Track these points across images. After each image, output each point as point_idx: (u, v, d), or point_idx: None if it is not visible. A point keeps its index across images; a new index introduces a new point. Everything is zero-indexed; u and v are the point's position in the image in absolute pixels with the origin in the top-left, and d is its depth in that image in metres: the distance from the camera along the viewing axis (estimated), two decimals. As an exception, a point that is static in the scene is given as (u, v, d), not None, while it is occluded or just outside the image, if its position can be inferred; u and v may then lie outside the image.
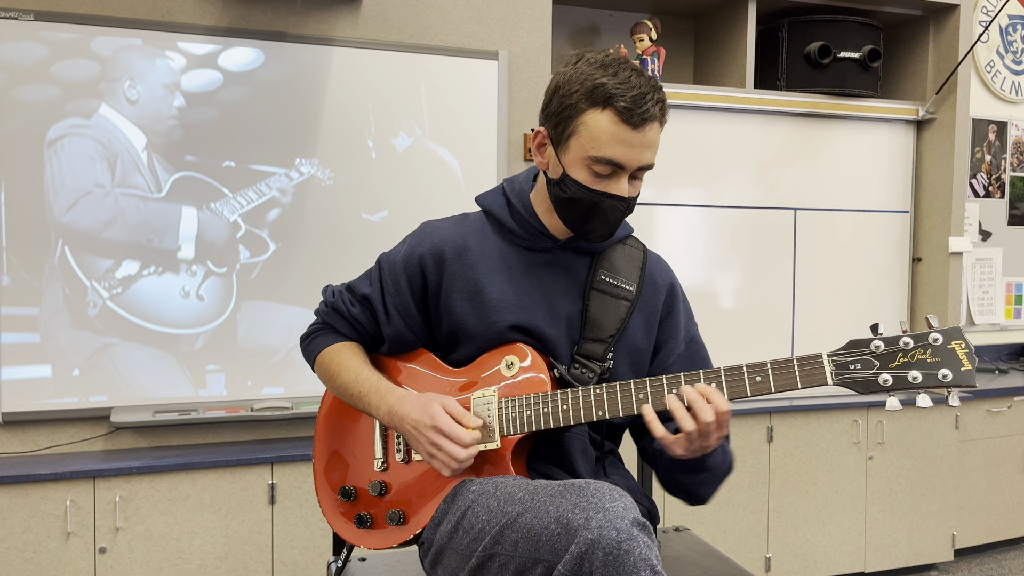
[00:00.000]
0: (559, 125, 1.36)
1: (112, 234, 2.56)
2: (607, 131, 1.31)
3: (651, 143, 1.34)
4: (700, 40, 3.61)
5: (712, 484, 1.46)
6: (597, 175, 1.35)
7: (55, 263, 2.52)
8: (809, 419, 3.26)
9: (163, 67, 2.58)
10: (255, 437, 2.75)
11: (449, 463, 1.33)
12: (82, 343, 2.55)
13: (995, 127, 4.18)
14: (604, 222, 1.39)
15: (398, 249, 1.52)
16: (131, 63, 2.55)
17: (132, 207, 2.57)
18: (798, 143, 3.45)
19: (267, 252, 2.70)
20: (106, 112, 2.53)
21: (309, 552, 2.62)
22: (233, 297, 2.68)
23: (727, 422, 1.28)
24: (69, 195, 2.52)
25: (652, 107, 1.31)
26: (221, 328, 2.68)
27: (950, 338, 1.19)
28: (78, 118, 2.51)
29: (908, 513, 3.42)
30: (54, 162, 2.49)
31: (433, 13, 2.87)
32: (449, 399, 1.38)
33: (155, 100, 2.57)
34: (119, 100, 2.53)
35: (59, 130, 2.51)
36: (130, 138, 2.53)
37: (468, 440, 1.33)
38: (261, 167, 2.67)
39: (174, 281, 2.63)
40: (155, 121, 2.57)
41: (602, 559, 1.09)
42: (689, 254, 3.31)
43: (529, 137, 2.97)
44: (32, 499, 2.38)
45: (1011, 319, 4.25)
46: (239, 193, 2.64)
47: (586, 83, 1.32)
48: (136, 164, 2.54)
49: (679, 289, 1.56)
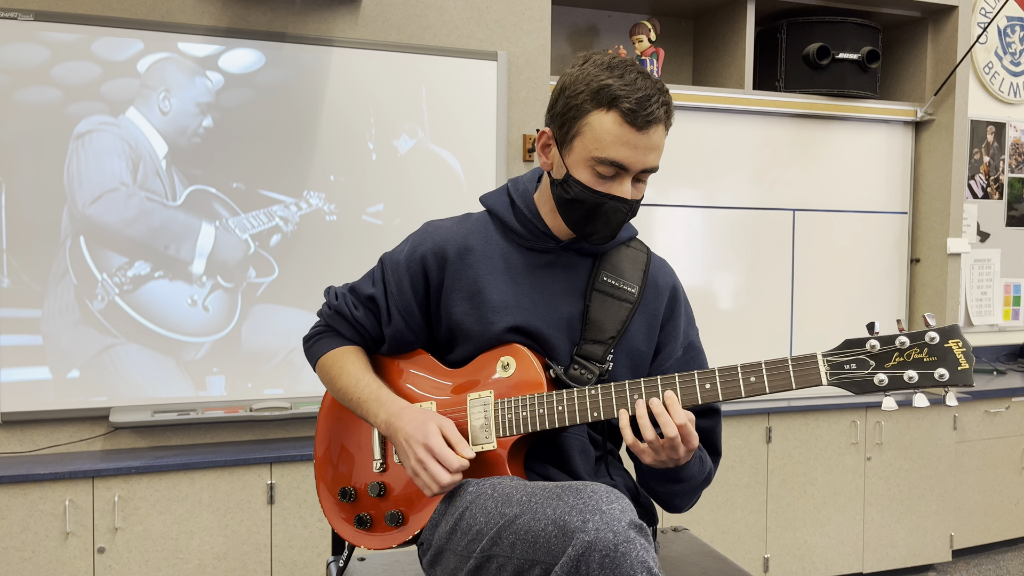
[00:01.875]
0: (564, 125, 1.36)
1: (133, 233, 2.58)
2: (611, 132, 1.31)
3: (655, 146, 1.34)
4: (699, 41, 3.61)
5: (687, 496, 1.47)
6: (601, 176, 1.35)
7: (66, 254, 2.53)
8: (807, 420, 3.26)
9: (201, 86, 2.63)
10: (254, 437, 2.75)
11: (431, 484, 1.32)
12: (85, 342, 2.55)
13: (993, 128, 4.18)
14: (606, 224, 1.39)
15: (400, 248, 1.53)
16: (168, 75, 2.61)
17: (156, 211, 2.60)
18: (797, 144, 3.45)
19: (273, 274, 2.73)
20: (133, 116, 2.57)
21: (308, 552, 2.62)
22: (237, 311, 2.70)
23: (691, 435, 1.28)
24: (94, 188, 2.54)
25: (657, 109, 1.31)
26: (224, 340, 2.69)
27: (947, 337, 1.18)
28: (106, 116, 2.55)
29: (906, 514, 3.42)
30: (80, 154, 2.52)
31: (432, 14, 2.87)
32: (449, 422, 1.37)
33: (186, 115, 2.62)
34: (151, 108, 2.58)
35: (89, 124, 2.54)
36: (153, 144, 2.57)
37: (455, 466, 1.32)
38: (271, 193, 2.72)
39: (183, 289, 2.64)
40: (179, 133, 2.61)
41: (599, 561, 1.09)
42: (687, 255, 3.31)
43: (528, 138, 2.97)
44: (31, 499, 2.38)
45: (1009, 320, 4.26)
46: (250, 214, 2.68)
47: (592, 84, 1.32)
48: (156, 170, 2.57)
49: (681, 293, 1.56)
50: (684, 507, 1.50)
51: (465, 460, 1.34)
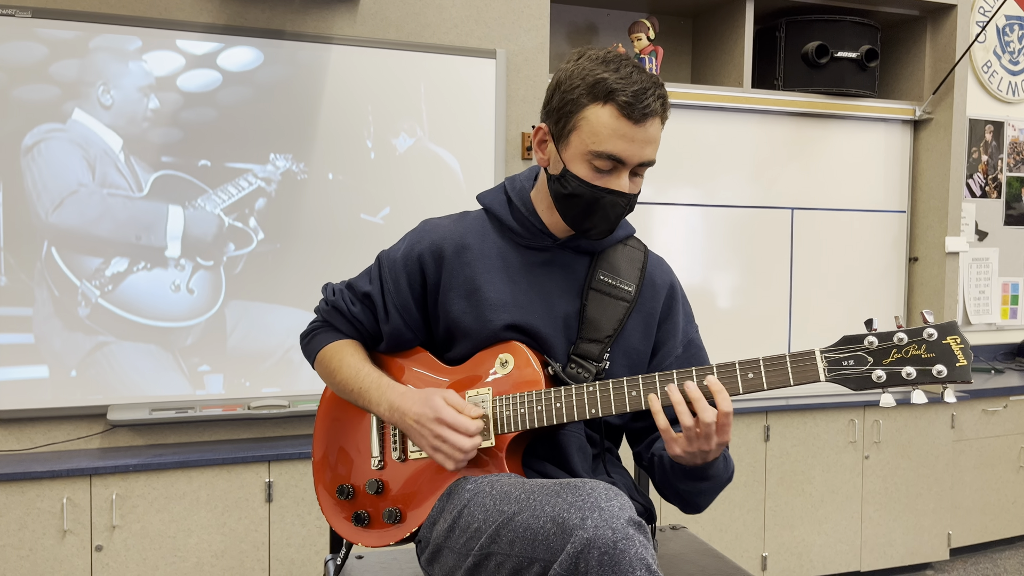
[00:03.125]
0: (560, 120, 1.36)
1: (100, 231, 2.56)
2: (608, 125, 1.31)
3: (652, 139, 1.34)
4: (698, 39, 3.61)
5: (711, 494, 1.44)
6: (598, 170, 1.35)
7: (43, 265, 2.52)
8: (805, 418, 3.26)
9: (137, 70, 2.58)
10: (252, 435, 2.75)
11: (453, 454, 1.33)
12: (76, 344, 2.55)
13: (992, 127, 4.18)
14: (604, 218, 1.39)
15: (398, 247, 1.52)
16: (105, 67, 2.55)
17: (119, 205, 2.57)
18: (795, 143, 3.45)
19: (251, 245, 2.70)
20: (80, 117, 2.53)
21: (305, 550, 2.62)
22: (223, 289, 2.68)
23: (728, 426, 1.25)
24: (53, 196, 2.51)
25: (653, 102, 1.31)
26: (213, 320, 2.68)
27: (945, 333, 1.17)
28: (54, 123, 2.51)
29: (904, 512, 3.42)
30: (33, 167, 2.49)
31: (431, 11, 2.87)
32: (450, 392, 1.38)
33: (130, 103, 2.57)
34: (93, 104, 2.53)
35: (35, 136, 2.50)
36: (107, 140, 2.53)
37: (473, 429, 1.33)
38: (238, 164, 2.68)
39: (164, 276, 2.63)
40: (129, 123, 2.57)
41: (598, 558, 1.09)
42: (686, 253, 3.31)
43: (527, 136, 2.97)
44: (28, 497, 2.38)
45: (1007, 319, 4.26)
46: (220, 188, 2.65)
47: (587, 78, 1.32)
48: (116, 165, 2.54)
49: (679, 291, 1.55)
50: (704, 505, 1.47)
51: (479, 422, 1.35)
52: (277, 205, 2.73)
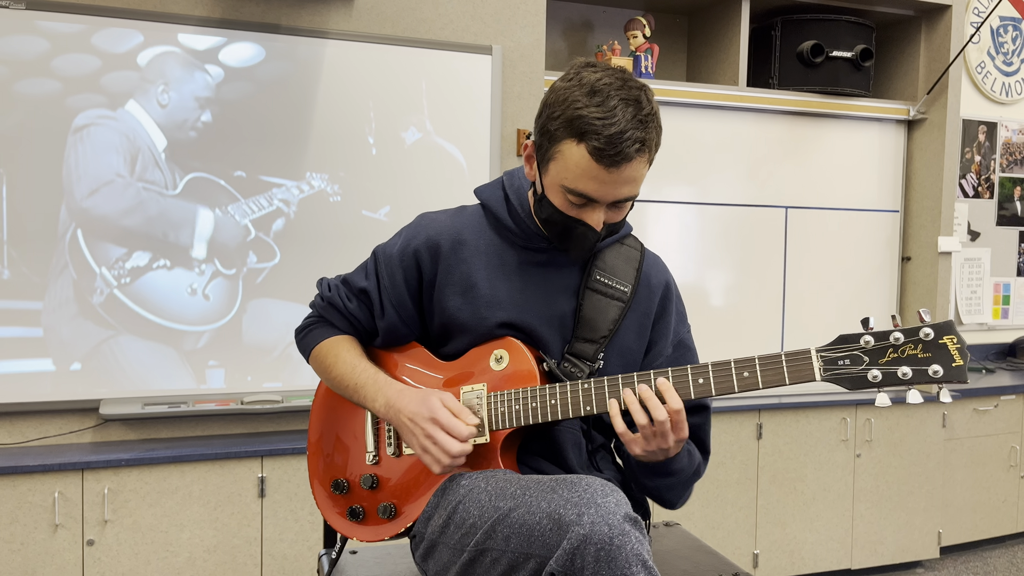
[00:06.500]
0: (542, 146, 1.34)
1: (130, 223, 2.56)
2: (579, 165, 1.27)
3: (628, 179, 1.29)
4: (693, 37, 3.61)
5: (679, 488, 1.46)
6: (571, 203, 1.33)
7: (65, 248, 2.51)
8: (798, 416, 3.27)
9: (201, 80, 2.61)
10: (245, 431, 2.75)
11: (441, 458, 1.32)
12: (84, 334, 2.54)
13: (985, 128, 4.20)
14: (579, 246, 1.38)
15: (394, 241, 1.52)
16: (167, 69, 2.59)
17: (151, 200, 2.58)
18: (790, 141, 3.46)
19: (274, 259, 2.72)
20: (133, 108, 2.55)
21: (298, 546, 2.62)
22: (238, 299, 2.68)
23: (681, 423, 1.27)
24: (92, 181, 2.52)
25: (628, 147, 1.24)
26: (224, 328, 2.68)
27: (942, 333, 1.17)
28: (105, 109, 2.53)
29: (895, 510, 3.44)
30: (79, 148, 2.50)
31: (427, 7, 2.86)
32: (447, 395, 1.37)
33: (184, 109, 2.60)
34: (150, 101, 2.56)
35: (87, 118, 2.51)
36: (152, 137, 2.55)
37: (465, 434, 1.33)
38: (272, 178, 2.70)
39: (183, 277, 2.63)
40: (178, 128, 2.60)
41: (594, 554, 1.09)
42: (680, 251, 3.31)
43: (523, 132, 2.97)
44: (20, 491, 2.37)
45: (999, 319, 4.28)
46: (251, 199, 2.67)
47: (568, 111, 1.27)
48: (156, 161, 2.56)
49: (674, 290, 1.55)
50: (676, 502, 1.49)
51: (472, 427, 1.34)
52: (297, 221, 2.74)
